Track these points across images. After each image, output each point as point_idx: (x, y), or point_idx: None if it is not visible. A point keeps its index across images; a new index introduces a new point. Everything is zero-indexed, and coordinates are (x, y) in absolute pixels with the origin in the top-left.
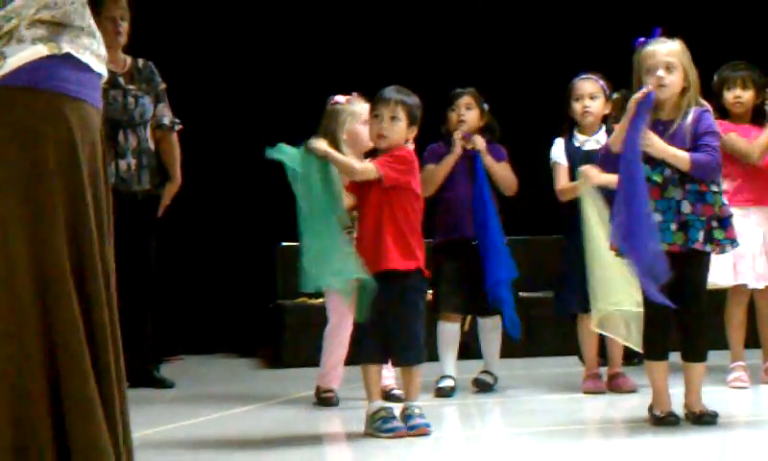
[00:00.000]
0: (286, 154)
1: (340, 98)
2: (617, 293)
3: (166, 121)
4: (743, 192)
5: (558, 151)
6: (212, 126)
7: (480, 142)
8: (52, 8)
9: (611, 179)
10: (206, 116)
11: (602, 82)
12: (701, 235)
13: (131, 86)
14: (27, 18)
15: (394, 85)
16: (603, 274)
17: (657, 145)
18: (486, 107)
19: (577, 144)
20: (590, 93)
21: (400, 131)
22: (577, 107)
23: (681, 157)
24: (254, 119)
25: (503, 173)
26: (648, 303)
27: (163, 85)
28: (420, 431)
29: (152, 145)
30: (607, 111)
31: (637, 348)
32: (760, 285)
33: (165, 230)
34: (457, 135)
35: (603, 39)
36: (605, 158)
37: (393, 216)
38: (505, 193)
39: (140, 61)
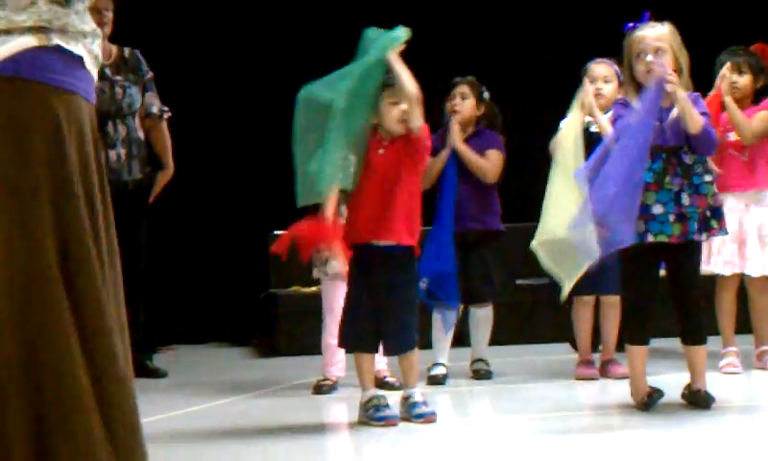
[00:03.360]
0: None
1: None
2: (567, 217)
3: (155, 110)
4: (719, 179)
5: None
6: (204, 114)
7: (453, 133)
8: (47, 21)
9: (603, 122)
10: (198, 104)
11: (617, 67)
12: (696, 226)
13: (117, 77)
14: (24, 26)
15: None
16: (559, 197)
17: (681, 93)
18: (486, 95)
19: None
20: (604, 76)
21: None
22: (590, 89)
23: (696, 117)
24: (247, 107)
25: (475, 161)
26: (631, 288)
27: (150, 74)
28: (428, 420)
29: (141, 134)
30: (619, 96)
31: (563, 279)
32: (727, 272)
33: (158, 220)
34: (454, 128)
35: (603, 27)
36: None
37: (402, 190)
38: (483, 180)
39: (126, 51)
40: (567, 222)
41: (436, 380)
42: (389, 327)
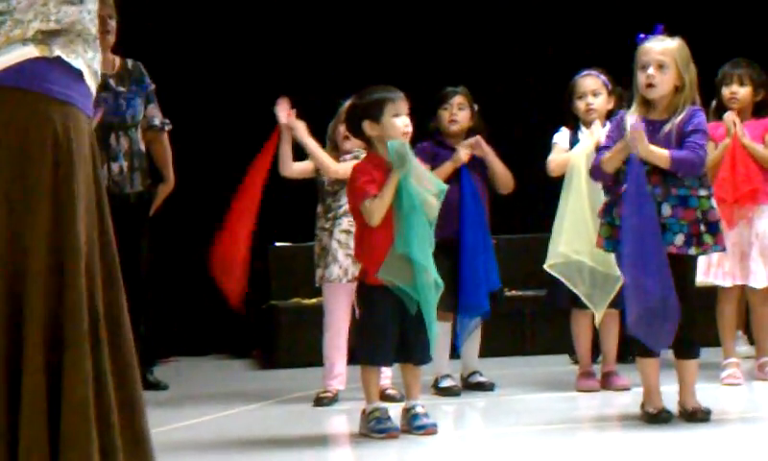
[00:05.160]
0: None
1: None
2: (583, 244)
3: (157, 122)
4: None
5: (562, 137)
6: (206, 125)
7: (485, 147)
8: (55, 21)
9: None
10: (199, 116)
11: (603, 77)
12: (679, 239)
13: (121, 89)
14: (30, 29)
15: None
16: (575, 224)
17: (643, 146)
18: (476, 107)
19: (581, 139)
20: (593, 90)
21: None
22: (580, 105)
23: (661, 156)
24: (248, 120)
25: (505, 171)
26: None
27: (153, 86)
28: (428, 432)
29: (143, 147)
30: (610, 107)
31: (585, 298)
32: (727, 283)
33: (158, 232)
34: (464, 146)
35: (599, 36)
36: (595, 171)
37: None
38: (502, 191)
39: (129, 62)
40: (583, 247)
41: (452, 392)
42: (421, 338)
